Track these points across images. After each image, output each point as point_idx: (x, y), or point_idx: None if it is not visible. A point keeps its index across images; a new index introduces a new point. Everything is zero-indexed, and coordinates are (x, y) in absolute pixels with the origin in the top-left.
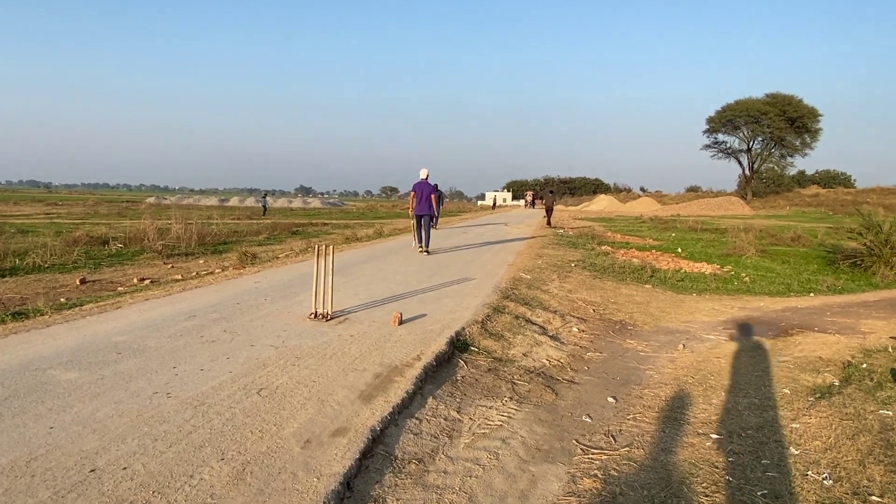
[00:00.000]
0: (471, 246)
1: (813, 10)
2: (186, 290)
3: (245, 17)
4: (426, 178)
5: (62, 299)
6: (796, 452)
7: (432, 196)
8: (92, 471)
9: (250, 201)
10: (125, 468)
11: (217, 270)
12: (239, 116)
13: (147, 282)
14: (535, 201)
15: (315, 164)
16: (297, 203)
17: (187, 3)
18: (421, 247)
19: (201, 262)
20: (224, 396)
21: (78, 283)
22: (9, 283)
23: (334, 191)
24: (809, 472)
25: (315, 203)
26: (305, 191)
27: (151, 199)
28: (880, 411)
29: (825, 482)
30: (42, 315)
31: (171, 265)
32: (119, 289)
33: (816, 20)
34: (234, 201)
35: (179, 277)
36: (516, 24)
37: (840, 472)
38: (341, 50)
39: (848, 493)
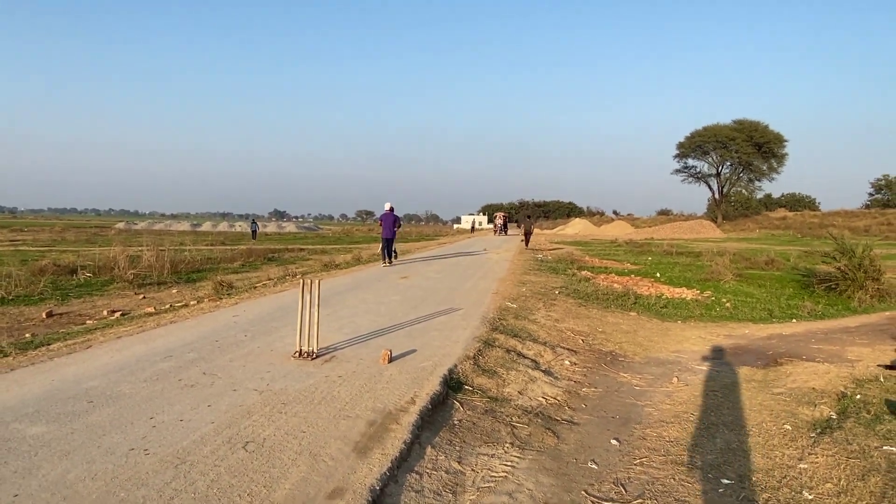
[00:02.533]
0: (452, 273)
1: (778, 41)
2: (161, 326)
3: (217, 39)
4: (390, 210)
5: (28, 334)
6: (811, 497)
7: (394, 225)
8: None
9: (223, 226)
10: None
11: (192, 302)
12: (211, 140)
13: (118, 314)
14: (507, 225)
15: (289, 187)
16: (271, 227)
17: (157, 23)
18: (387, 262)
19: (174, 291)
20: (207, 452)
21: (44, 316)
22: None
23: (309, 214)
24: None
25: (290, 227)
26: (280, 215)
27: (121, 225)
28: (884, 447)
29: None
30: (6, 356)
31: (142, 296)
32: (88, 322)
33: (783, 49)
34: (206, 226)
35: (152, 310)
36: (490, 51)
37: None
38: (318, 75)
39: None
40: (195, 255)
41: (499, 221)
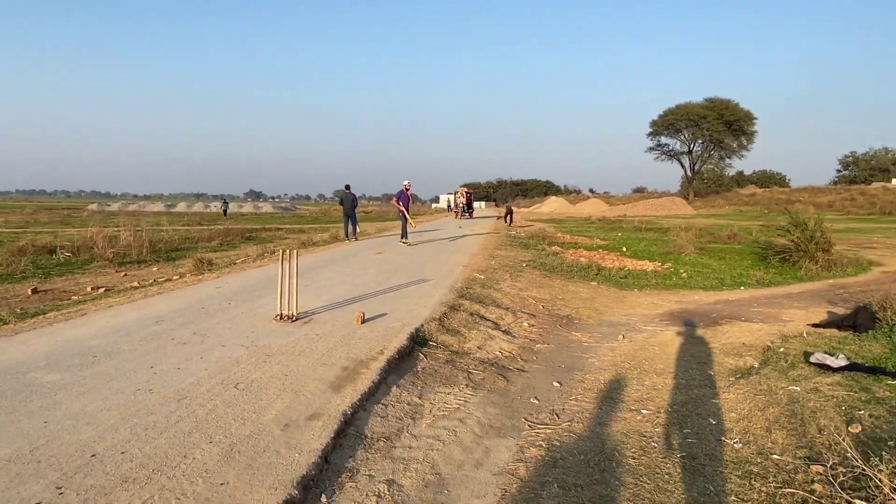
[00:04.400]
0: (426, 249)
1: (747, 19)
2: (149, 297)
3: (189, 16)
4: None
5: (17, 309)
6: (714, 423)
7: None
8: (93, 455)
9: (198, 206)
10: (123, 452)
11: (175, 277)
12: (184, 119)
13: (102, 290)
14: (472, 205)
15: (265, 168)
16: (247, 208)
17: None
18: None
19: (155, 269)
20: (204, 391)
21: (30, 292)
22: None
23: (286, 195)
24: (723, 438)
25: (266, 207)
26: (256, 195)
27: (94, 206)
28: (790, 387)
29: (735, 445)
30: (6, 324)
31: (123, 273)
32: (74, 297)
33: (751, 28)
34: (181, 207)
35: (136, 285)
36: (467, 32)
37: (749, 437)
38: (295, 54)
39: (754, 453)
40: (172, 235)
41: (461, 199)
